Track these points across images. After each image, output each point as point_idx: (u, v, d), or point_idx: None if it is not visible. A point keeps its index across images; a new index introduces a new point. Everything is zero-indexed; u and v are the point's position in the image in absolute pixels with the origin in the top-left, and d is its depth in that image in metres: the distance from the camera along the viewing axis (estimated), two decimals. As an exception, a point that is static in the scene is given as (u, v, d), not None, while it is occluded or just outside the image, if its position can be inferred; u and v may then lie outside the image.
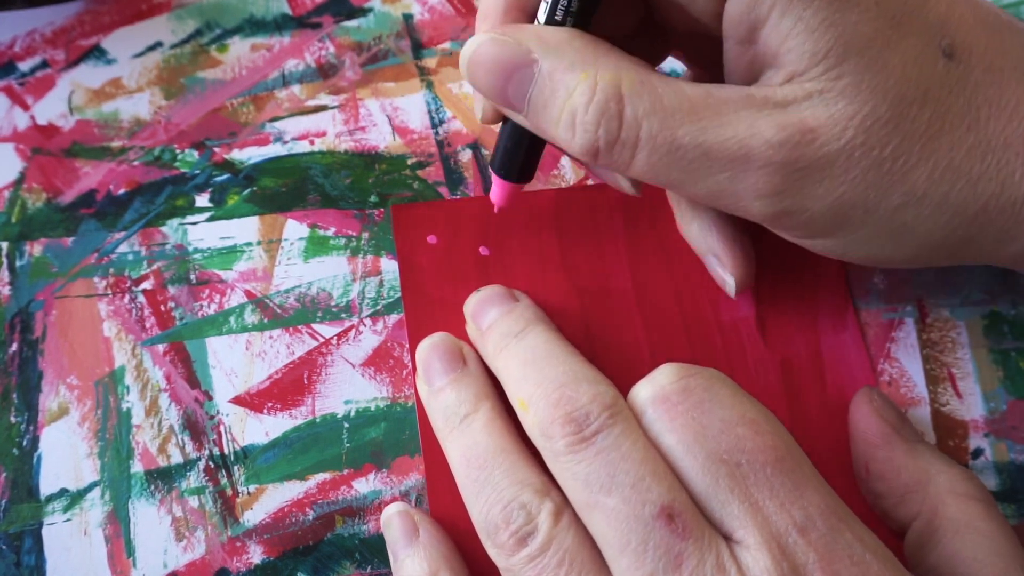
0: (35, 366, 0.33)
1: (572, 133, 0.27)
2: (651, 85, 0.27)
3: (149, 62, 0.38)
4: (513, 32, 0.28)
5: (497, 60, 0.28)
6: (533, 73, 0.27)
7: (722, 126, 0.26)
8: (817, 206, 0.27)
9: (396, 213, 0.35)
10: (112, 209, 0.35)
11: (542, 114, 0.28)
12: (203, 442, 0.33)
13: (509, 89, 0.28)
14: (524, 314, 0.31)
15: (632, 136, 0.27)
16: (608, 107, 0.26)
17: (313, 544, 0.32)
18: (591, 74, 0.27)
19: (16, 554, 0.31)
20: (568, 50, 0.27)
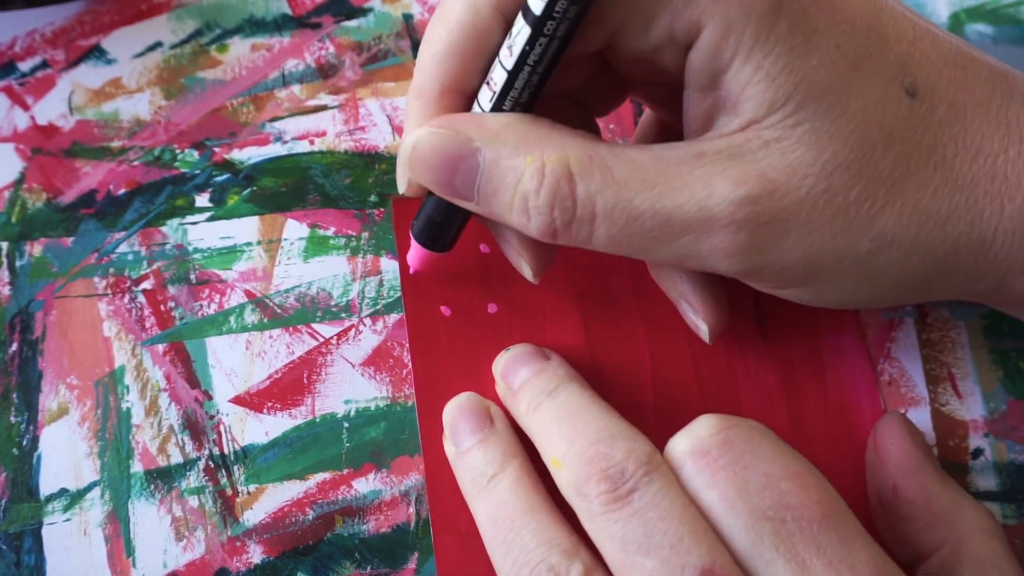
0: (35, 366, 0.33)
1: (527, 218, 0.27)
2: (599, 159, 0.26)
3: (149, 62, 0.38)
4: (451, 123, 0.27)
5: (439, 153, 0.27)
6: (478, 162, 0.27)
7: (677, 189, 0.25)
8: (787, 259, 0.26)
9: (396, 207, 0.35)
10: (112, 209, 0.35)
11: (493, 202, 0.27)
12: (203, 442, 0.33)
13: (456, 181, 0.27)
14: (557, 372, 0.31)
15: (588, 213, 0.26)
16: (559, 188, 0.26)
17: (313, 544, 0.32)
18: (537, 156, 0.26)
19: (16, 554, 0.31)
20: (510, 135, 0.27)
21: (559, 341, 0.34)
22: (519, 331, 0.34)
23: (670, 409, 0.33)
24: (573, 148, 0.26)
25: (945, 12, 0.40)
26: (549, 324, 0.34)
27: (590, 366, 0.34)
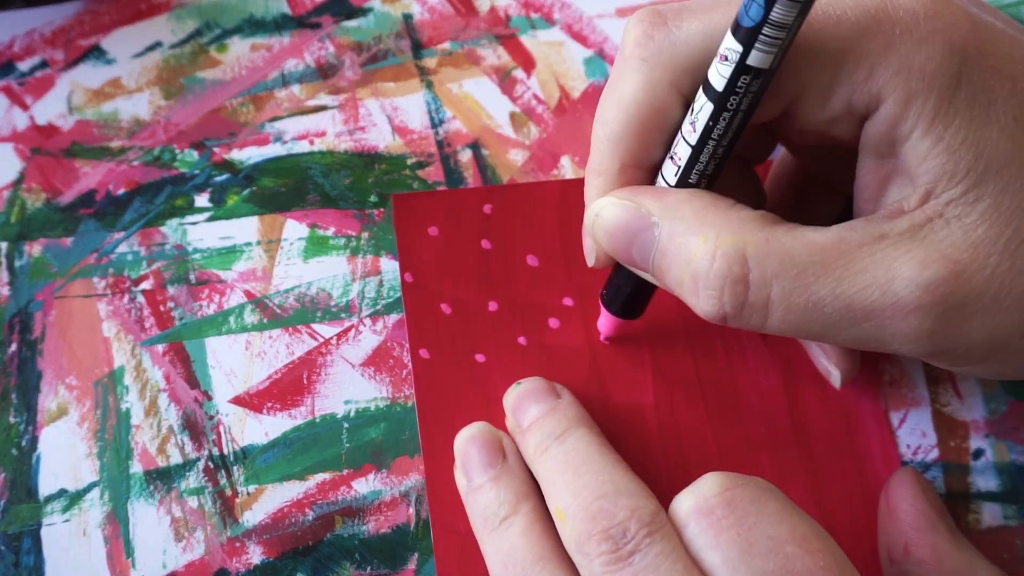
0: (34, 366, 0.33)
1: (696, 298, 0.26)
2: (778, 243, 0.25)
3: (148, 62, 0.38)
4: (632, 195, 0.28)
5: (618, 223, 0.27)
6: (654, 236, 0.27)
7: (859, 274, 0.25)
8: (973, 339, 0.25)
9: (397, 203, 0.35)
10: (111, 209, 0.35)
11: (665, 276, 0.27)
12: (202, 442, 0.32)
13: (633, 251, 0.28)
14: (567, 414, 0.30)
15: (762, 299, 0.25)
16: (731, 271, 0.25)
17: (312, 544, 0.31)
18: (711, 238, 0.26)
19: (15, 554, 0.31)
20: (687, 212, 0.26)
21: (559, 340, 0.34)
22: (520, 330, 0.34)
23: (670, 410, 0.33)
24: (750, 230, 0.26)
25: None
26: (550, 322, 0.34)
27: (590, 365, 0.34)
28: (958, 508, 0.33)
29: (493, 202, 0.35)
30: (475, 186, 0.36)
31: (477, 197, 0.36)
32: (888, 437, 0.34)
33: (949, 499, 0.33)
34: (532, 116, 0.38)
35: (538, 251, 0.35)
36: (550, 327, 0.34)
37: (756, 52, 0.24)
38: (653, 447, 0.33)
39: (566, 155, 0.37)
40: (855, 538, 0.32)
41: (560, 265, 0.35)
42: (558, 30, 0.39)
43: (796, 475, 0.33)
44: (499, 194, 0.36)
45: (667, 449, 0.33)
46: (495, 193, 0.36)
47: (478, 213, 0.35)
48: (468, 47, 0.39)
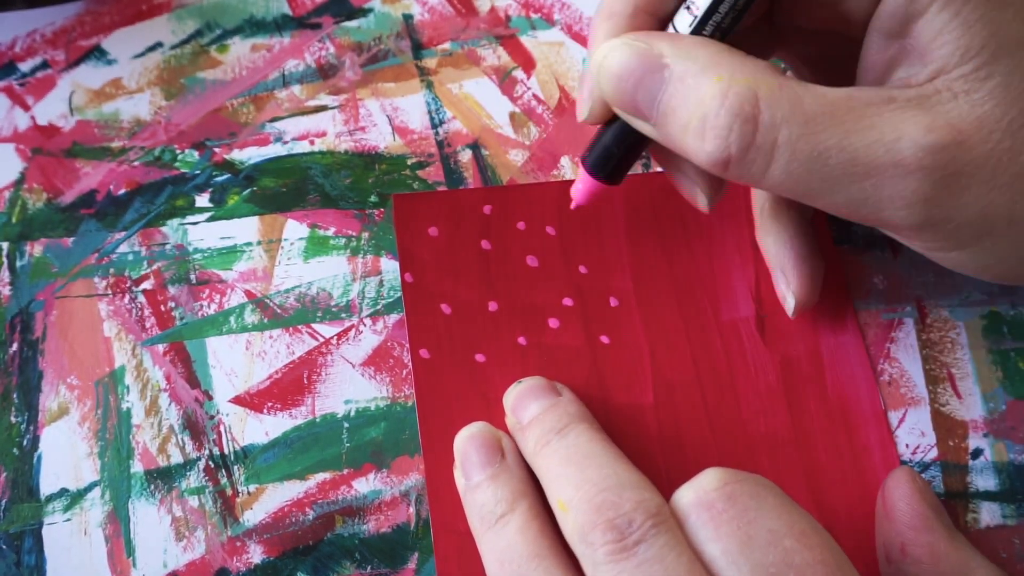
0: (35, 366, 0.33)
1: (702, 139, 0.26)
2: (790, 89, 0.25)
3: (149, 62, 0.38)
4: (645, 37, 0.27)
5: (627, 65, 0.27)
6: (664, 78, 0.26)
7: (867, 130, 0.25)
8: (962, 215, 0.26)
9: (397, 203, 0.35)
10: (112, 209, 0.35)
11: (671, 119, 0.26)
12: (203, 442, 0.33)
13: (638, 95, 0.27)
14: (567, 410, 0.30)
15: (768, 141, 0.25)
16: (742, 110, 0.25)
17: (313, 544, 0.32)
18: (724, 77, 0.25)
19: (16, 554, 0.31)
20: (701, 55, 0.26)
21: (559, 340, 0.34)
22: (520, 330, 0.34)
23: (670, 410, 0.33)
24: (763, 75, 0.25)
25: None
26: (550, 322, 0.34)
27: (589, 364, 0.34)
28: (957, 507, 0.33)
29: (493, 202, 0.36)
30: (475, 186, 0.36)
31: (477, 197, 0.36)
32: (887, 437, 0.34)
33: (948, 498, 0.33)
34: (532, 116, 0.38)
35: (538, 252, 0.35)
36: (550, 327, 0.34)
37: None
38: (653, 447, 0.33)
39: (566, 155, 0.37)
40: (854, 537, 0.32)
41: (560, 266, 0.35)
42: (558, 30, 0.39)
43: (796, 475, 0.33)
44: (499, 194, 0.36)
45: (666, 449, 0.33)
46: (495, 193, 0.36)
47: (478, 213, 0.35)
48: (468, 47, 0.39)
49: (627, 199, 0.36)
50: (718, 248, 0.36)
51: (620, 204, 0.36)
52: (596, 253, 0.35)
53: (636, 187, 0.36)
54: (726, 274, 0.35)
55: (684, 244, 0.35)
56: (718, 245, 0.36)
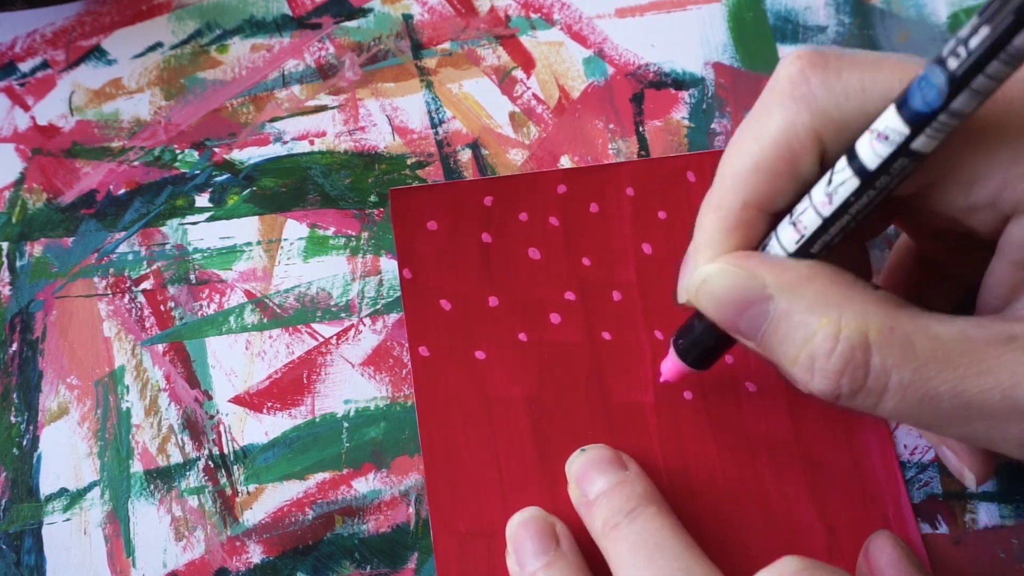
0: (35, 366, 0.33)
1: (810, 375, 0.25)
2: (901, 332, 0.24)
3: (149, 63, 0.38)
4: (746, 263, 0.26)
5: (729, 294, 0.26)
6: (768, 311, 0.25)
7: (982, 374, 0.24)
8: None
9: (395, 197, 0.35)
10: (112, 209, 0.35)
11: (776, 350, 0.26)
12: (203, 442, 0.33)
13: (741, 322, 0.26)
14: (635, 489, 0.30)
15: (880, 385, 0.24)
16: (853, 356, 0.24)
17: (313, 544, 0.32)
18: (834, 319, 0.24)
19: (16, 553, 0.31)
20: (807, 290, 0.25)
21: (561, 336, 0.34)
22: (521, 325, 0.34)
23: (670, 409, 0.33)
24: (874, 314, 0.24)
25: (945, 12, 0.40)
26: (551, 318, 0.34)
27: (591, 362, 0.34)
28: (955, 508, 0.33)
29: (494, 194, 0.35)
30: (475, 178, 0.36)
31: (477, 189, 0.35)
32: (886, 438, 0.34)
33: (946, 499, 0.33)
34: (532, 116, 0.38)
35: (540, 244, 0.35)
36: (551, 322, 0.34)
37: (923, 138, 0.22)
38: (652, 446, 0.33)
39: (565, 154, 0.37)
40: (853, 538, 0.32)
41: (562, 258, 0.35)
42: (558, 30, 0.39)
43: (795, 475, 0.33)
44: (500, 185, 0.36)
45: (666, 448, 0.33)
46: (496, 184, 0.35)
47: (478, 206, 0.35)
48: (468, 47, 0.39)
49: (634, 187, 0.36)
50: None
51: (626, 193, 0.36)
52: (600, 245, 0.35)
53: (643, 174, 0.36)
54: None
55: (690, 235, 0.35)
56: None
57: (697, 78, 0.39)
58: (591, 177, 0.35)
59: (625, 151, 0.37)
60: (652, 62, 0.39)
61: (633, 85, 0.38)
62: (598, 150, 0.37)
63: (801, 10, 0.40)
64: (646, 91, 0.38)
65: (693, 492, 0.32)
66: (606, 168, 0.36)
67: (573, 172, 0.35)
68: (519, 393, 0.33)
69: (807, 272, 0.25)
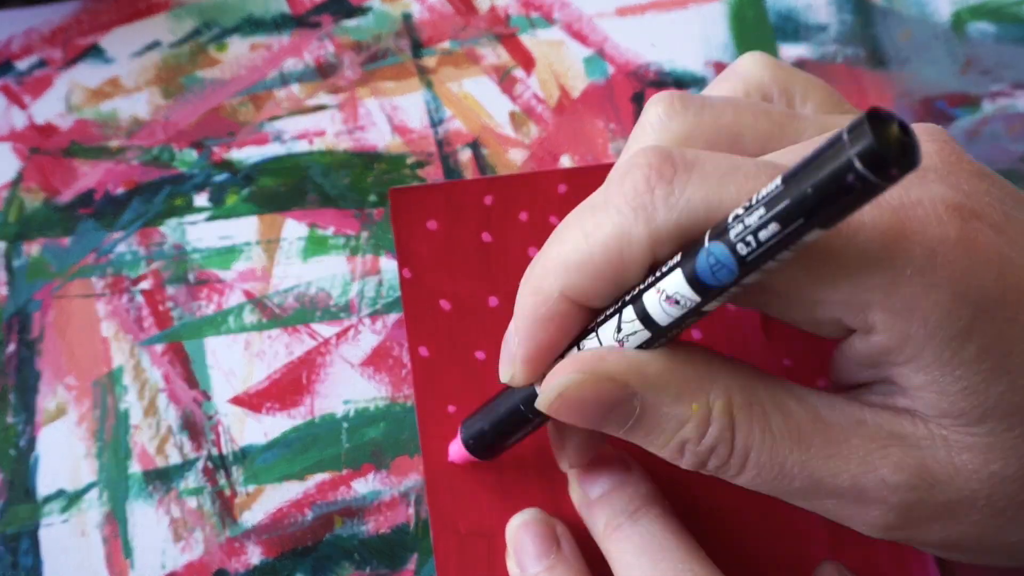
0: (33, 366, 0.33)
1: (679, 456, 0.25)
2: (760, 408, 0.25)
3: (147, 61, 0.38)
4: (603, 367, 0.25)
5: (591, 403, 0.25)
6: (633, 409, 0.25)
7: (832, 458, 0.24)
8: (930, 539, 0.25)
9: (394, 197, 0.35)
10: (110, 209, 0.35)
11: (644, 440, 0.26)
12: (201, 442, 0.32)
13: (605, 423, 0.25)
14: (639, 490, 0.29)
15: (740, 461, 0.25)
16: (721, 439, 0.24)
17: (312, 545, 0.31)
18: (703, 404, 0.24)
19: (13, 555, 0.31)
20: (672, 381, 0.25)
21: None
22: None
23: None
24: (737, 391, 0.25)
25: (947, 11, 0.40)
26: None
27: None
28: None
29: (494, 193, 0.35)
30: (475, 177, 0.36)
31: (477, 188, 0.35)
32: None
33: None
34: (532, 115, 0.38)
35: (541, 243, 0.34)
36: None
37: (714, 302, 0.23)
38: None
39: (566, 154, 0.37)
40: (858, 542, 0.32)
41: None
42: (558, 29, 0.39)
43: (797, 475, 0.33)
44: (500, 184, 0.35)
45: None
46: (496, 184, 0.35)
47: (479, 205, 0.35)
48: (468, 46, 0.39)
49: None
50: None
51: None
52: None
53: None
54: None
55: None
56: None
57: (698, 77, 0.39)
58: (592, 177, 0.35)
59: (626, 150, 0.37)
60: (653, 61, 0.39)
61: (634, 84, 0.38)
62: (598, 150, 0.37)
63: (802, 9, 0.40)
64: (647, 91, 0.38)
65: (693, 492, 0.32)
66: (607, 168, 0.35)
67: (574, 172, 0.35)
68: (520, 393, 0.33)
69: (668, 363, 0.25)
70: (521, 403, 0.28)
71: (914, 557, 0.32)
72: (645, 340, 0.24)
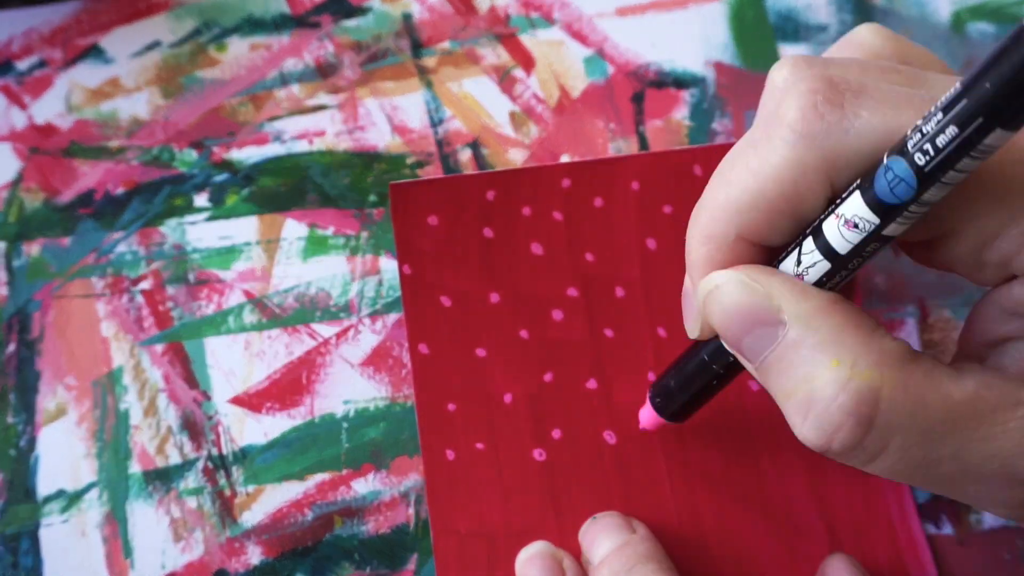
0: (33, 366, 0.33)
1: (803, 418, 0.23)
2: (915, 391, 0.22)
3: (147, 61, 0.38)
4: (765, 280, 0.24)
5: (739, 308, 0.24)
6: (776, 335, 0.23)
7: (986, 441, 0.23)
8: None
9: (395, 192, 0.34)
10: (110, 209, 0.35)
11: (774, 381, 0.24)
12: (201, 442, 0.32)
13: (745, 340, 0.24)
14: (636, 550, 0.30)
15: (879, 445, 0.23)
16: (858, 411, 0.22)
17: (312, 545, 0.31)
18: (846, 363, 0.22)
19: (13, 555, 0.31)
20: (823, 324, 0.23)
21: (562, 334, 0.34)
22: (522, 323, 0.34)
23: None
24: (889, 368, 0.22)
25: (947, 11, 0.40)
26: (553, 315, 0.34)
27: (593, 361, 0.33)
28: (960, 508, 0.33)
29: (496, 188, 0.35)
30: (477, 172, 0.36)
31: (479, 183, 0.35)
32: (889, 437, 0.34)
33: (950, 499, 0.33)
34: (532, 115, 0.38)
35: (543, 239, 0.34)
36: (553, 319, 0.34)
37: (895, 224, 0.22)
38: (654, 445, 0.33)
39: (566, 154, 0.37)
40: (855, 537, 0.32)
41: (565, 253, 0.34)
42: (558, 29, 0.39)
43: (796, 474, 0.33)
44: (503, 179, 0.35)
45: (668, 448, 0.33)
46: (498, 178, 0.35)
47: (480, 200, 0.35)
48: (468, 46, 0.39)
49: (639, 181, 0.35)
50: None
51: (631, 187, 0.35)
52: (604, 240, 0.35)
53: (649, 168, 0.35)
54: None
55: None
56: None
57: (698, 77, 0.39)
58: (596, 171, 0.35)
59: (625, 151, 0.37)
60: (653, 61, 0.39)
61: (634, 84, 0.38)
62: (598, 150, 0.37)
63: (802, 9, 0.40)
64: (647, 90, 0.38)
65: (694, 491, 0.32)
66: (611, 162, 0.35)
67: (578, 166, 0.35)
68: (520, 391, 0.33)
69: (827, 305, 0.23)
70: (706, 354, 0.27)
71: (911, 551, 0.32)
72: (825, 272, 0.23)
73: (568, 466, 0.32)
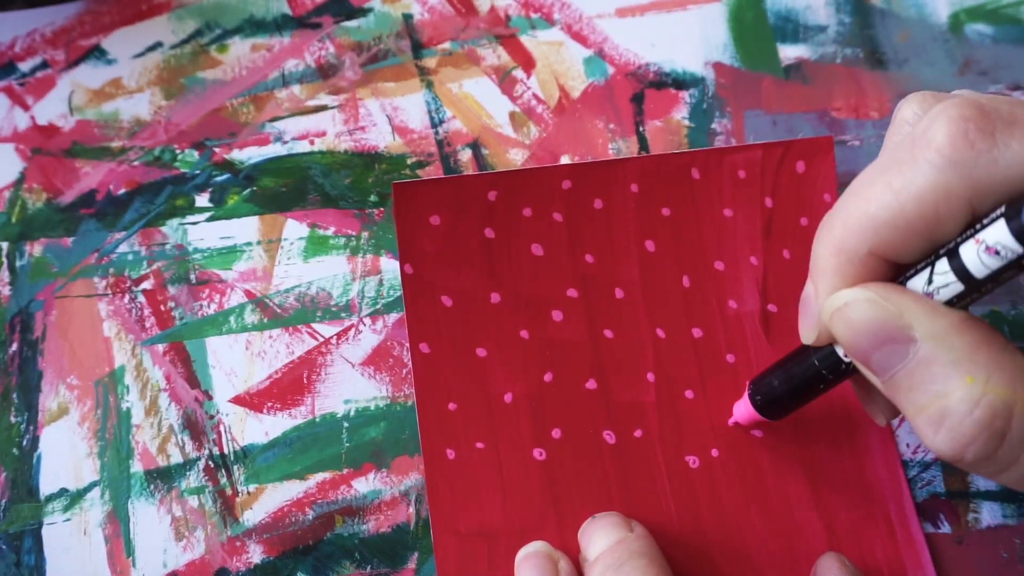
0: (35, 366, 0.33)
1: (935, 431, 0.24)
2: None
3: (149, 62, 0.38)
4: (896, 299, 0.24)
5: (869, 325, 0.24)
6: (907, 352, 0.24)
7: None
8: None
9: (397, 191, 0.34)
10: (112, 209, 0.35)
11: (904, 396, 0.24)
12: (203, 442, 0.33)
13: (874, 356, 0.25)
14: (630, 547, 0.30)
15: (1011, 457, 0.23)
16: (992, 425, 0.23)
17: (313, 544, 0.31)
18: (980, 380, 0.23)
19: (16, 554, 0.31)
20: (955, 342, 0.23)
21: (562, 334, 0.34)
22: (522, 323, 0.34)
23: (671, 409, 0.33)
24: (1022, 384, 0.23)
25: (945, 12, 0.40)
26: (554, 315, 0.34)
27: (592, 361, 0.33)
28: (958, 507, 0.33)
29: (498, 188, 0.35)
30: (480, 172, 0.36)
31: (481, 184, 0.35)
32: (888, 437, 0.34)
33: (949, 498, 0.33)
34: (532, 116, 0.38)
35: (544, 240, 0.34)
36: (553, 320, 0.34)
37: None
38: (653, 446, 0.33)
39: (566, 154, 0.37)
40: (855, 538, 0.32)
41: (566, 254, 0.34)
42: (558, 30, 0.39)
43: (796, 474, 0.33)
44: (505, 180, 0.35)
45: (667, 449, 0.33)
46: (501, 179, 0.35)
47: (482, 200, 0.35)
48: (468, 47, 0.39)
49: (639, 184, 0.35)
50: (728, 239, 0.35)
51: (630, 189, 0.35)
52: (604, 241, 0.35)
53: (648, 171, 0.35)
54: (734, 266, 0.35)
55: (695, 233, 0.34)
56: (728, 236, 0.35)
57: (697, 78, 0.39)
58: (596, 173, 0.35)
59: (625, 151, 0.37)
60: (652, 62, 0.39)
61: (633, 85, 0.38)
62: (598, 150, 0.37)
63: (801, 10, 0.40)
64: (646, 91, 0.38)
65: (694, 491, 0.32)
66: (612, 164, 0.35)
67: (578, 168, 0.35)
68: (520, 391, 0.33)
69: (959, 323, 0.24)
70: (817, 359, 0.28)
71: (910, 551, 0.32)
72: (957, 293, 0.24)
73: (568, 466, 0.32)
